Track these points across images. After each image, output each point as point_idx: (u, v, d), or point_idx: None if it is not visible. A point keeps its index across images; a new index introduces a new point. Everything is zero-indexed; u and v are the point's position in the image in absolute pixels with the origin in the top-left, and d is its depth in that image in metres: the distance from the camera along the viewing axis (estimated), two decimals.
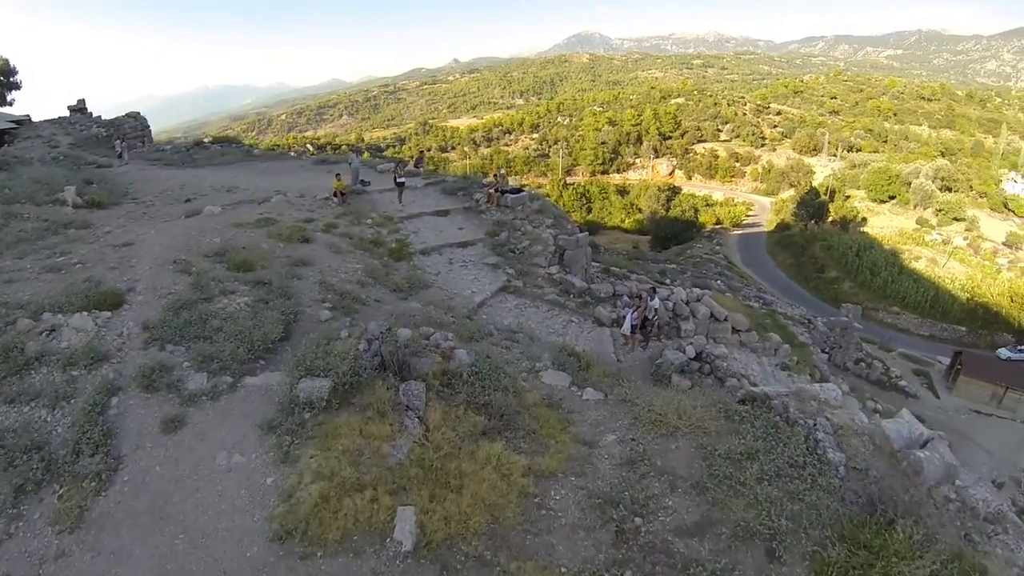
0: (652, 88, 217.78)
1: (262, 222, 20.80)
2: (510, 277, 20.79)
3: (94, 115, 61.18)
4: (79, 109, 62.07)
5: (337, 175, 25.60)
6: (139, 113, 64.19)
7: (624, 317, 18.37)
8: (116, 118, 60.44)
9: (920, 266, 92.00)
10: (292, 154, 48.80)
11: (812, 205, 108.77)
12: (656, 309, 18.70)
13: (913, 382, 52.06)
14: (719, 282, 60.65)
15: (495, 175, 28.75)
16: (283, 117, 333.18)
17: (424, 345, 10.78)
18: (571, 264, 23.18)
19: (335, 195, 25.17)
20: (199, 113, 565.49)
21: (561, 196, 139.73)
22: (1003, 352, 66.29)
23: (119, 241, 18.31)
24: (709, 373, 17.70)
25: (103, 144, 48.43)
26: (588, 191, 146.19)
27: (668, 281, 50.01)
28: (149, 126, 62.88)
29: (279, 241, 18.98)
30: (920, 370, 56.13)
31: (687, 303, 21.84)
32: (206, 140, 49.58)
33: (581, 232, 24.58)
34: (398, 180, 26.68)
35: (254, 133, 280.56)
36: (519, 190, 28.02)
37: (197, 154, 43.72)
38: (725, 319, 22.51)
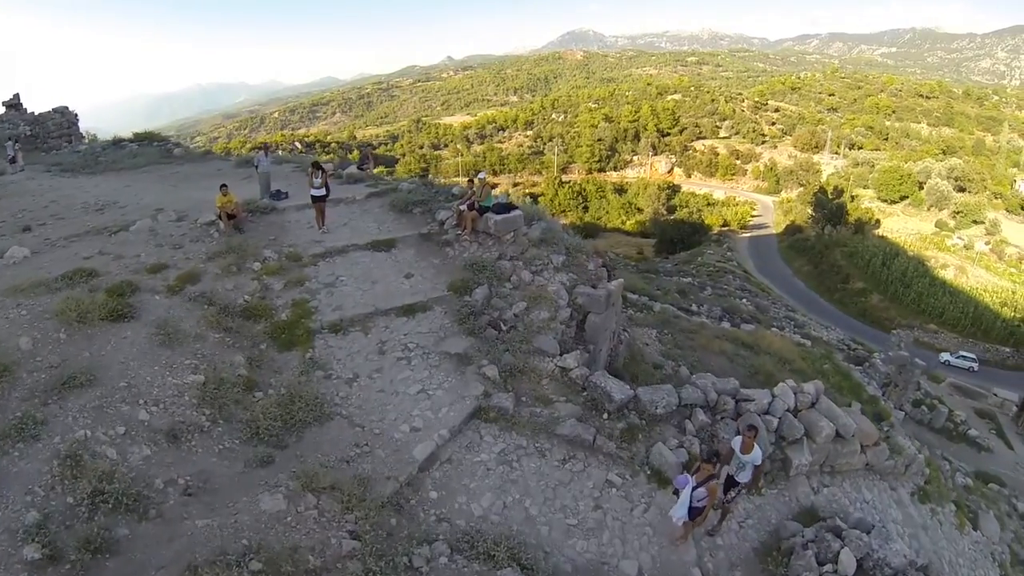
0: (648, 84, 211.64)
1: (68, 279, 12.32)
2: (490, 386, 11.23)
3: (28, 111, 53.19)
4: (13, 105, 53.84)
5: (222, 187, 15.98)
6: (67, 108, 55.15)
7: (680, 487, 9.07)
8: (41, 114, 52.17)
9: (949, 275, 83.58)
10: (221, 156, 39.55)
11: (829, 206, 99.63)
12: (755, 465, 9.70)
13: (980, 428, 43.71)
14: (744, 300, 52.14)
15: (470, 181, 18.31)
16: (276, 115, 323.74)
17: None
18: (596, 336, 13.63)
19: (219, 217, 15.91)
20: (192, 111, 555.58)
21: (557, 195, 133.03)
22: (943, 356, 64.08)
23: None
24: None
25: (26, 144, 40.60)
26: (585, 190, 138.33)
27: (695, 307, 41.31)
28: (77, 123, 54.14)
29: (66, 324, 10.48)
30: (983, 411, 47.87)
31: (796, 412, 12.74)
32: (125, 139, 40.85)
33: (611, 278, 14.96)
34: (314, 193, 16.99)
35: (247, 131, 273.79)
36: (509, 207, 17.21)
37: (105, 156, 35.52)
38: (853, 435, 13.44)
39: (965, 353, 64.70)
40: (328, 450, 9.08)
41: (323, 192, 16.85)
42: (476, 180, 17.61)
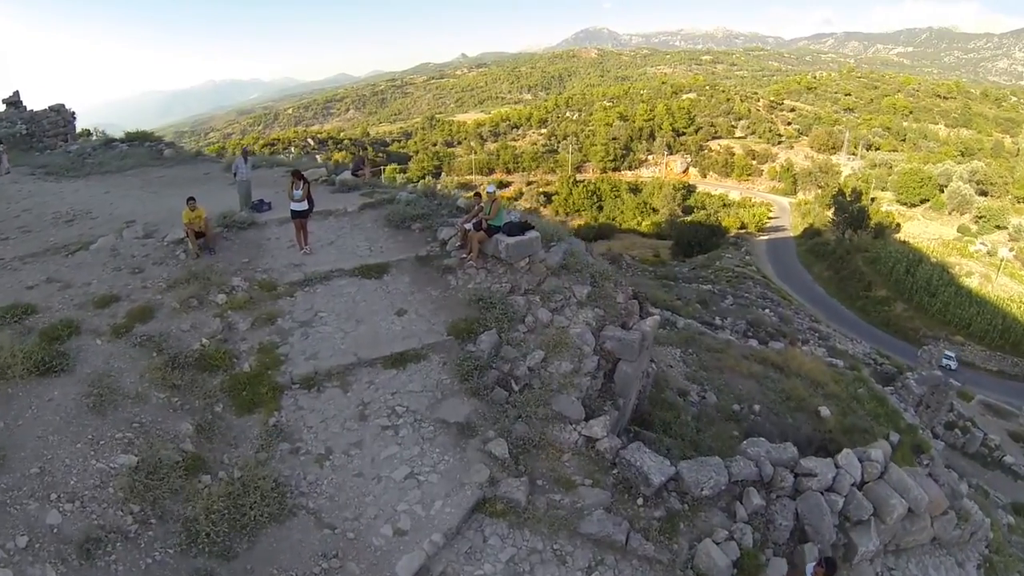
0: (663, 83, 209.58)
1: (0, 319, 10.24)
2: (497, 469, 9.11)
3: (27, 109, 51.98)
4: (13, 103, 52.51)
5: (190, 200, 13.93)
6: (63, 106, 53.46)
7: None
8: (36, 112, 50.82)
9: (974, 284, 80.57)
10: (212, 158, 37.80)
11: (850, 210, 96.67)
12: None
13: (1015, 453, 41.18)
14: (767, 310, 49.86)
15: (477, 195, 15.85)
16: (290, 111, 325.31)
17: None
18: (627, 388, 11.45)
19: (186, 235, 13.87)
20: (206, 108, 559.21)
21: (571, 194, 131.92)
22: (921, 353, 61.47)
23: None
24: None
25: (20, 143, 39.75)
26: (599, 189, 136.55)
27: (719, 320, 39.24)
28: (74, 121, 52.55)
29: None
30: (1017, 433, 45.26)
31: (861, 486, 10.62)
32: (116, 139, 39.37)
33: (644, 313, 12.62)
34: (294, 207, 14.71)
35: (261, 127, 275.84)
36: (524, 227, 14.42)
37: (93, 158, 33.94)
38: (925, 510, 11.33)
39: (946, 352, 62.00)
40: (288, 563, 7.12)
41: (304, 206, 14.64)
42: (485, 194, 14.90)
